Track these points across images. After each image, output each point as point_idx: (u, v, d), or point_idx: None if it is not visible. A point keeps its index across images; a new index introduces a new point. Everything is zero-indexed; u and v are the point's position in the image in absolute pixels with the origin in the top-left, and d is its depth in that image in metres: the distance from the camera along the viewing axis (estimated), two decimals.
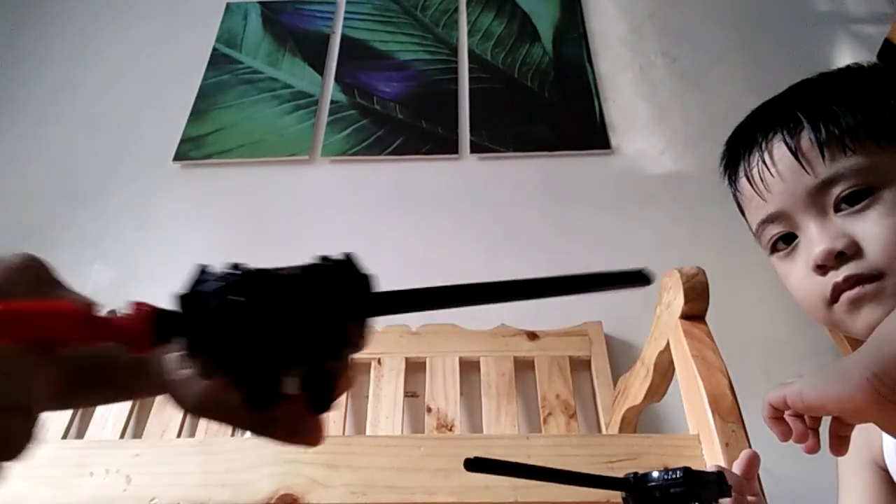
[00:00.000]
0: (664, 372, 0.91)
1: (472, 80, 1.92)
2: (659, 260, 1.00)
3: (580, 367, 1.34)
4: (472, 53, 1.99)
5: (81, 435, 1.26)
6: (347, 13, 2.12)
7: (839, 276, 0.55)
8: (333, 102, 1.88)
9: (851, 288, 0.55)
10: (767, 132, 0.62)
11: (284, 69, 1.97)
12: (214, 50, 2.03)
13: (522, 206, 1.66)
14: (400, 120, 1.83)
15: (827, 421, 0.50)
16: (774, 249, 0.63)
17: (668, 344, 0.84)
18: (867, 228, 0.55)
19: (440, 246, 1.57)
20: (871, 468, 0.69)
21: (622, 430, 1.10)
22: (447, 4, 2.12)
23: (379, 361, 1.32)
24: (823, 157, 0.57)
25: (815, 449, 0.50)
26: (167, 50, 2.06)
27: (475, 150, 1.76)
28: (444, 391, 1.28)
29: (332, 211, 1.67)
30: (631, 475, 0.48)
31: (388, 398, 1.26)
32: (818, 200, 0.58)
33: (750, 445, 0.65)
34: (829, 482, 0.74)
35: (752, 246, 0.68)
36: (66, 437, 1.23)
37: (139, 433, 1.26)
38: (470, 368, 1.34)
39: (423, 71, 1.95)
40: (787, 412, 0.49)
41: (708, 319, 0.81)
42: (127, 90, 1.96)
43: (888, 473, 0.67)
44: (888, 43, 1.73)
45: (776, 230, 0.62)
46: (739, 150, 0.65)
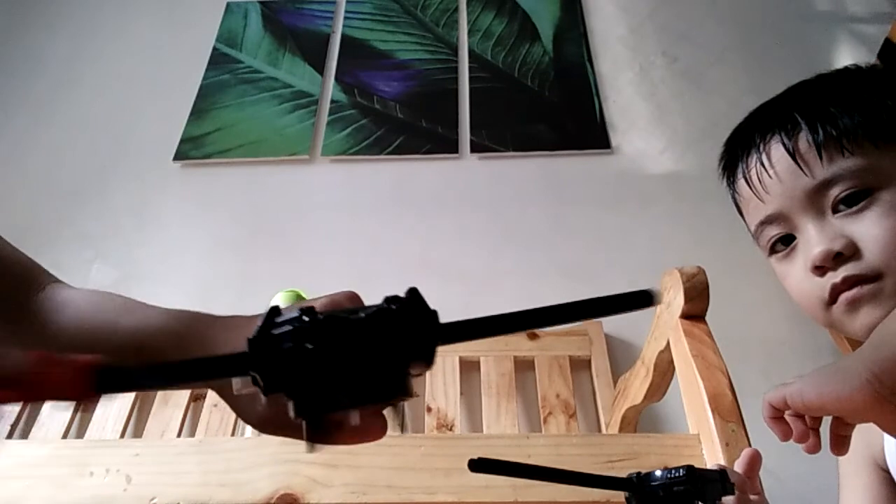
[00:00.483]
0: (664, 372, 0.91)
1: (472, 79, 1.92)
2: (659, 260, 1.00)
3: (580, 366, 1.34)
4: (472, 53, 1.99)
5: (81, 435, 1.26)
6: (347, 13, 2.12)
7: (837, 276, 0.55)
8: (333, 102, 1.88)
9: (850, 289, 0.55)
10: (765, 134, 0.62)
11: (284, 69, 1.97)
12: (214, 49, 2.03)
13: (522, 205, 1.66)
14: (400, 119, 1.83)
15: (827, 420, 0.50)
16: (773, 251, 0.63)
17: (668, 343, 0.84)
18: (865, 229, 0.55)
19: (440, 246, 1.57)
20: (871, 468, 0.69)
21: (622, 429, 1.10)
22: (447, 4, 2.12)
23: None
24: (821, 158, 0.57)
25: (815, 449, 0.50)
26: (167, 49, 2.06)
27: (475, 149, 1.76)
28: (444, 391, 1.28)
29: (332, 211, 1.67)
30: (634, 475, 0.48)
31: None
32: (816, 202, 0.58)
33: (750, 445, 0.65)
34: (829, 482, 0.74)
35: (751, 246, 0.68)
36: (66, 437, 1.23)
37: (139, 433, 1.26)
38: (470, 368, 1.34)
39: (423, 70, 1.95)
40: (787, 412, 0.49)
41: (708, 319, 0.81)
42: (127, 90, 1.96)
43: (889, 474, 0.67)
44: (888, 43, 1.73)
45: (774, 231, 0.62)
46: (737, 151, 0.65)
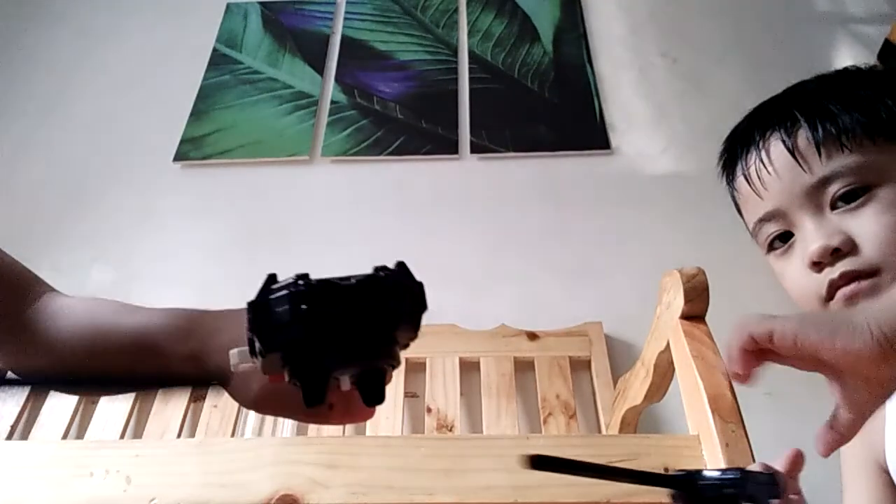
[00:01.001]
0: (664, 372, 0.91)
1: (472, 80, 1.92)
2: (659, 260, 1.00)
3: (580, 367, 1.34)
4: (472, 53, 1.99)
5: (81, 435, 1.25)
6: (347, 13, 2.12)
7: (835, 272, 0.56)
8: (333, 103, 1.88)
9: (847, 284, 0.55)
10: (765, 131, 0.62)
11: (284, 69, 1.97)
12: (214, 50, 2.03)
13: (522, 206, 1.66)
14: (400, 120, 1.83)
15: (821, 420, 0.48)
16: (771, 248, 0.63)
17: (668, 344, 0.83)
18: (863, 225, 0.55)
19: (440, 246, 1.57)
20: (874, 471, 0.69)
21: (622, 430, 1.10)
22: (447, 5, 2.12)
23: None
24: (820, 155, 0.57)
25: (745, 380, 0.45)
26: (167, 50, 2.06)
27: (475, 150, 1.76)
28: (444, 391, 1.28)
29: (332, 211, 1.67)
30: (681, 472, 0.46)
31: (388, 398, 1.25)
32: (815, 198, 0.58)
33: (750, 446, 0.65)
34: (830, 482, 0.74)
35: (751, 246, 0.68)
36: (65, 437, 1.23)
37: (139, 433, 1.26)
38: (470, 368, 1.34)
39: (423, 71, 1.95)
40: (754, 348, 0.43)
41: (708, 319, 0.81)
42: (127, 90, 1.96)
43: (891, 476, 0.66)
44: (888, 43, 1.73)
45: (773, 228, 0.62)
46: (737, 149, 0.66)
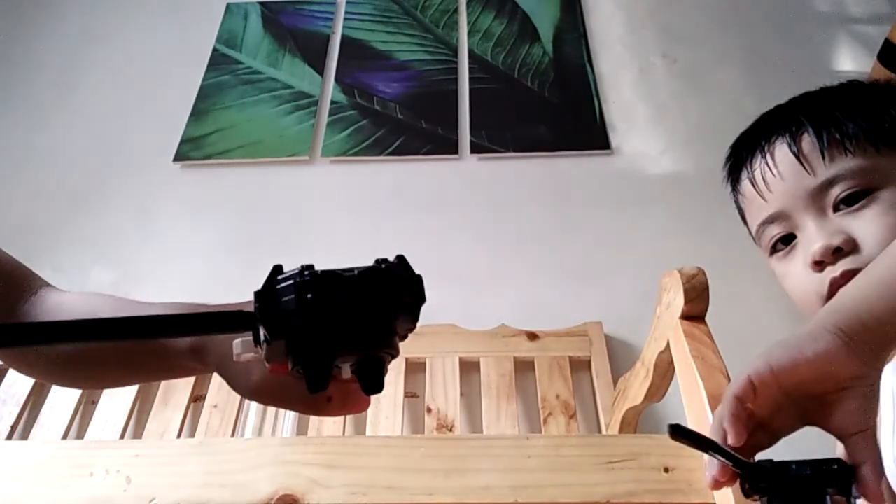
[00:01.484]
0: (664, 372, 0.91)
1: (472, 80, 1.92)
2: (659, 260, 1.00)
3: (580, 367, 1.34)
4: (472, 53, 1.99)
5: (81, 435, 1.26)
6: (347, 13, 2.12)
7: (836, 271, 0.57)
8: (333, 103, 1.88)
9: (848, 282, 0.55)
10: (770, 136, 0.64)
11: (284, 69, 1.97)
12: (214, 50, 2.03)
13: (522, 206, 1.66)
14: (400, 120, 1.83)
15: (820, 432, 0.48)
16: (774, 250, 0.64)
17: (668, 344, 0.84)
18: (864, 226, 0.57)
19: (440, 246, 1.57)
20: None
21: (622, 430, 1.10)
22: (447, 5, 2.12)
23: None
24: (824, 158, 0.59)
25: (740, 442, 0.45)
26: (167, 50, 2.06)
27: (475, 150, 1.76)
28: (444, 391, 1.28)
29: (332, 211, 1.67)
30: (768, 462, 0.44)
31: (388, 399, 1.26)
32: (818, 201, 0.59)
33: None
34: None
35: (752, 246, 0.69)
36: (65, 437, 1.23)
37: (139, 433, 1.26)
38: (470, 369, 1.34)
39: (422, 71, 1.95)
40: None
41: (708, 319, 0.81)
42: (127, 90, 1.96)
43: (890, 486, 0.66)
44: (888, 43, 1.73)
45: (776, 231, 0.63)
46: (742, 154, 0.67)
